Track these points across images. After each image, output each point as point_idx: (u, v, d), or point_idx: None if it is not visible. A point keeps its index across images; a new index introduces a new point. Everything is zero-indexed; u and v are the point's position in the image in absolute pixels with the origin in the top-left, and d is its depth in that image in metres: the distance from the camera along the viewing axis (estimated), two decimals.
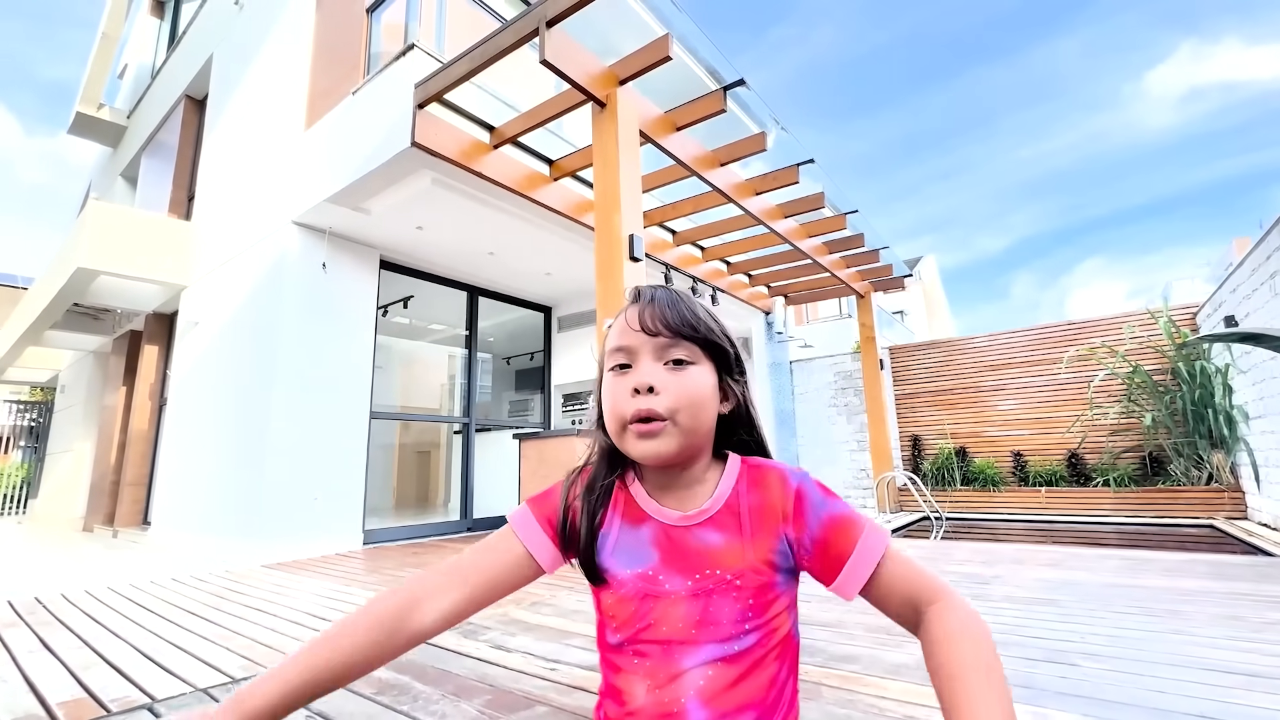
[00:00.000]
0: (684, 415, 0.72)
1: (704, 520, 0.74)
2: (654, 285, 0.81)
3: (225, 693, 1.45)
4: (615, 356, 0.76)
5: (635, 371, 0.74)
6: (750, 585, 0.71)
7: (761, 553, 0.72)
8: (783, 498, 0.74)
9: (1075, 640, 1.69)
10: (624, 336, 0.76)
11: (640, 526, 0.76)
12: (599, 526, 0.78)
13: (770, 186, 5.09)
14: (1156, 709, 1.23)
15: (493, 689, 1.43)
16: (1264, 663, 1.48)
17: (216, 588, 3.34)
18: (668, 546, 0.74)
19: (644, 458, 0.73)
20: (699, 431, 0.74)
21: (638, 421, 0.72)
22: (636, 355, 0.75)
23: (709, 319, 0.78)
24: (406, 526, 5.35)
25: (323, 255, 4.87)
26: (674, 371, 0.74)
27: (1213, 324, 5.65)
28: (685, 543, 0.73)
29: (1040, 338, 7.10)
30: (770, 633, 0.71)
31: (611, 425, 0.75)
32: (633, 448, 0.74)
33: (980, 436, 7.27)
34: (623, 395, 0.74)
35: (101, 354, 8.97)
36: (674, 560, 0.73)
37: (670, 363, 0.74)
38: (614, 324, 0.79)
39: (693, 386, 0.73)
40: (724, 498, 0.75)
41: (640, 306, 0.77)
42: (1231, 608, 1.99)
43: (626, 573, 0.74)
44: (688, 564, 0.72)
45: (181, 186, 7.03)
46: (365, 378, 5.07)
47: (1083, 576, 2.59)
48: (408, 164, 4.03)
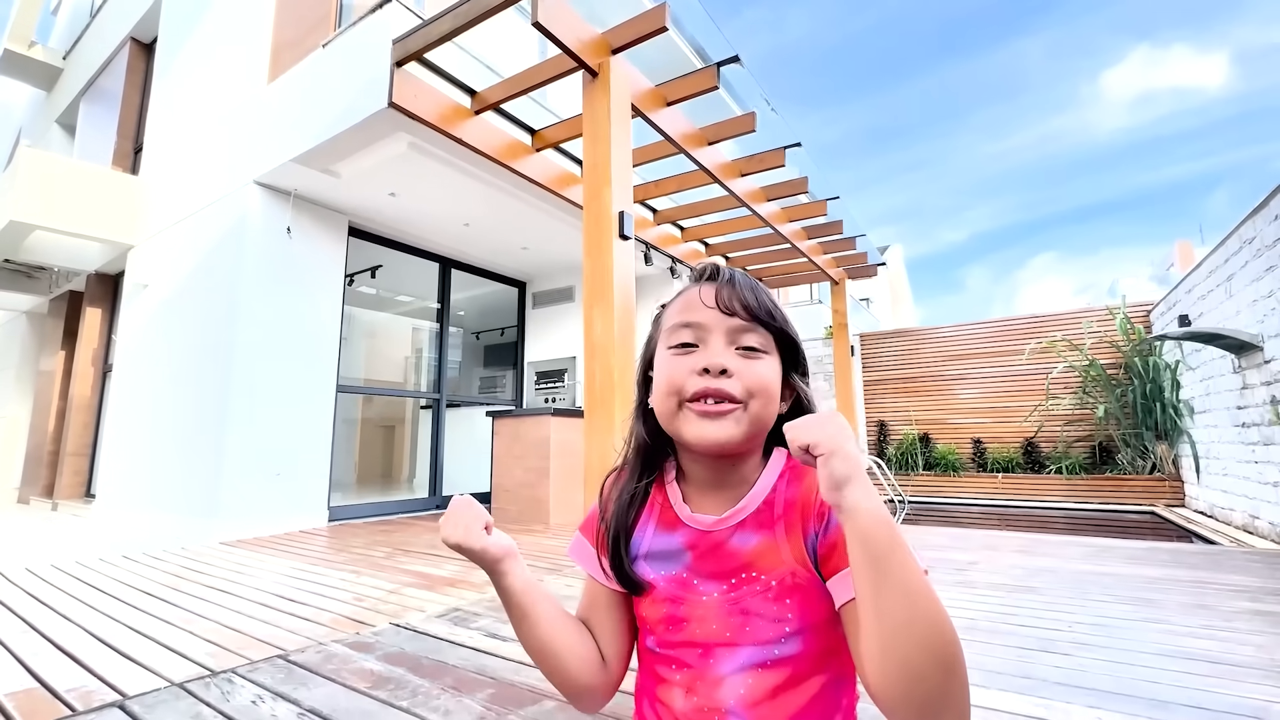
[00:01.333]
0: (758, 403, 0.67)
1: (738, 523, 0.69)
2: (728, 266, 0.75)
3: (203, 686, 1.35)
4: (679, 334, 0.70)
5: (705, 351, 0.68)
6: (788, 585, 0.66)
7: (797, 548, 0.67)
8: (813, 490, 0.68)
9: (1064, 629, 1.75)
10: (694, 312, 0.70)
11: (674, 531, 0.72)
12: (632, 529, 0.74)
13: (756, 169, 5.04)
14: (1155, 700, 1.27)
15: (494, 682, 1.37)
16: (1243, 653, 1.55)
17: (173, 567, 3.17)
18: (701, 550, 0.70)
19: (703, 440, 0.67)
20: (764, 424, 0.69)
21: (702, 400, 0.66)
22: (707, 334, 0.69)
23: (783, 311, 0.73)
24: (373, 504, 5.20)
25: (287, 219, 4.60)
26: (746, 358, 0.68)
27: (1166, 321, 5.92)
28: (720, 546, 0.69)
29: (1003, 330, 7.33)
30: (816, 639, 0.66)
31: (666, 404, 0.69)
32: (690, 429, 0.67)
33: (943, 424, 7.50)
34: (686, 373, 0.68)
35: (36, 315, 8.35)
36: (708, 564, 0.69)
37: (741, 349, 0.69)
38: (678, 300, 0.73)
39: (767, 376, 0.68)
40: (762, 495, 0.70)
41: (718, 285, 0.71)
42: (1199, 596, 2.09)
43: (659, 575, 0.71)
44: (722, 568, 0.68)
45: (127, 137, 6.53)
46: (331, 349, 4.86)
47: (1054, 563, 2.69)
48: (383, 126, 3.81)
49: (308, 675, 1.41)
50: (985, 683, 1.38)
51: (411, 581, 2.73)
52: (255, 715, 1.21)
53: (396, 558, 3.31)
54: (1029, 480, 6.67)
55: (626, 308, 3.43)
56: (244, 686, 1.35)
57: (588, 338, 3.45)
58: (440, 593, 2.53)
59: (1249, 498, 4.32)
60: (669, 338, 0.71)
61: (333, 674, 1.42)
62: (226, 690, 1.33)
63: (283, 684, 1.35)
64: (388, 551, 3.50)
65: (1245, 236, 4.12)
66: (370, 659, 1.53)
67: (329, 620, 2.15)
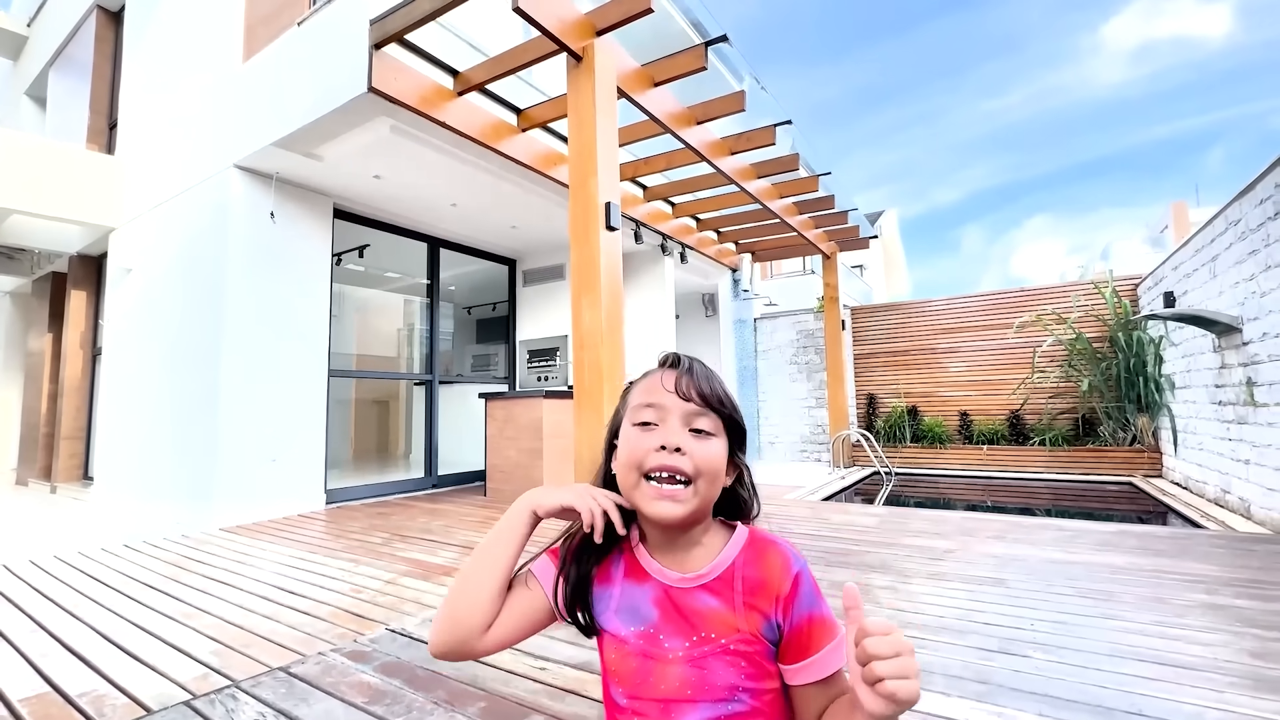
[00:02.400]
0: (703, 481, 0.76)
1: (701, 585, 0.78)
2: (687, 355, 0.85)
3: (209, 704, 1.43)
4: (643, 413, 0.80)
5: (663, 429, 0.78)
6: (742, 651, 0.75)
7: (753, 624, 0.76)
8: (780, 579, 0.77)
9: (1025, 628, 1.85)
10: (656, 395, 0.80)
11: (643, 585, 0.81)
12: (595, 584, 0.83)
13: (745, 147, 4.97)
14: (1100, 706, 1.37)
15: (486, 694, 1.45)
16: (1189, 652, 1.65)
17: (174, 556, 3.25)
18: (667, 606, 0.78)
19: (659, 517, 0.76)
20: (710, 499, 0.79)
21: (660, 479, 0.76)
22: (666, 414, 0.78)
23: (732, 399, 0.83)
24: (370, 485, 5.29)
25: (270, 203, 4.53)
26: (697, 439, 0.77)
27: (1153, 297, 5.97)
28: (684, 604, 0.78)
29: (994, 303, 7.37)
30: (761, 696, 0.76)
31: (629, 476, 0.78)
32: (649, 506, 0.76)
33: (932, 397, 7.61)
34: (647, 449, 0.77)
35: (20, 295, 8.25)
36: (673, 620, 0.77)
37: (693, 430, 0.78)
38: (643, 382, 0.84)
39: (714, 456, 0.78)
40: (723, 565, 0.79)
41: (679, 374, 0.81)
42: (1155, 588, 2.20)
43: (629, 630, 0.79)
44: (686, 625, 0.77)
45: (100, 113, 6.33)
46: (321, 333, 4.85)
47: (1025, 551, 2.80)
48: (363, 110, 3.73)
49: (308, 690, 1.49)
50: (947, 689, 1.47)
51: (408, 570, 2.82)
52: None
53: (393, 544, 3.41)
54: (1013, 451, 6.83)
55: (614, 297, 3.45)
56: (247, 703, 1.43)
57: (576, 328, 3.48)
58: (435, 583, 2.62)
59: (1221, 473, 4.46)
60: (633, 415, 0.81)
61: (331, 688, 1.50)
62: (231, 708, 1.41)
63: (284, 700, 1.43)
64: (385, 537, 3.59)
65: (1231, 218, 4.13)
66: (368, 670, 1.61)
67: (328, 615, 2.24)
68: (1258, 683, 1.47)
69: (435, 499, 5.19)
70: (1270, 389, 3.67)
